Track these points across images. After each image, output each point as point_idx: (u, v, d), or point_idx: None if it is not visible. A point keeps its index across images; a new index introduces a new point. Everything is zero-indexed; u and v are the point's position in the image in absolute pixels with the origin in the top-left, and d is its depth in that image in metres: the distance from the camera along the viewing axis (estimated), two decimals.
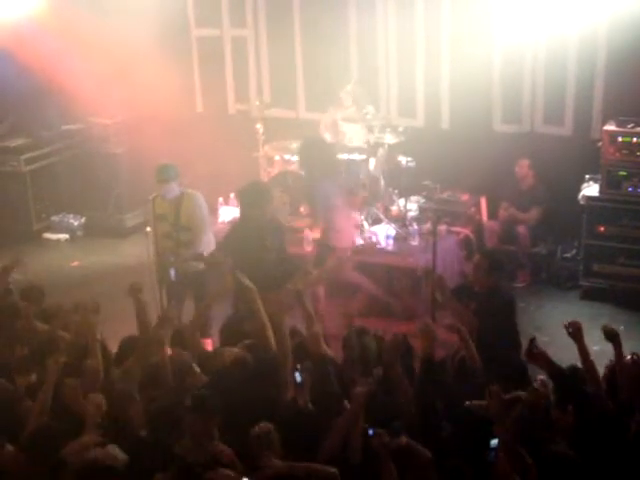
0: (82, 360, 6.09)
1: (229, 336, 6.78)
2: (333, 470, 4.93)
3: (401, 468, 4.90)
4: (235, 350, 6.31)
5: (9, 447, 5.16)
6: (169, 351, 6.29)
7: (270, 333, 6.31)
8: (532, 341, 5.58)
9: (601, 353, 6.11)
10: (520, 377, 5.88)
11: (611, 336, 5.81)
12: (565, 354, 6.06)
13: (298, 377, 5.63)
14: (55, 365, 5.72)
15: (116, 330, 7.05)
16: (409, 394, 5.65)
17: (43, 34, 11.00)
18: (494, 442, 4.85)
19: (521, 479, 4.75)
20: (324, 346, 6.06)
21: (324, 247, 8.76)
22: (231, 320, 7.07)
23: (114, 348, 6.75)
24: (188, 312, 8.06)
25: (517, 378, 5.81)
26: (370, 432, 4.96)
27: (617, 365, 5.75)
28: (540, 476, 4.84)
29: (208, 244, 8.14)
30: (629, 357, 5.84)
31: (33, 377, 6.21)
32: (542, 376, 5.62)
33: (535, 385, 5.43)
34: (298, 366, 5.69)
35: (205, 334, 7.48)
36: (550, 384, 5.66)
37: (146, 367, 6.16)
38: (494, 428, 4.95)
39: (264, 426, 5.17)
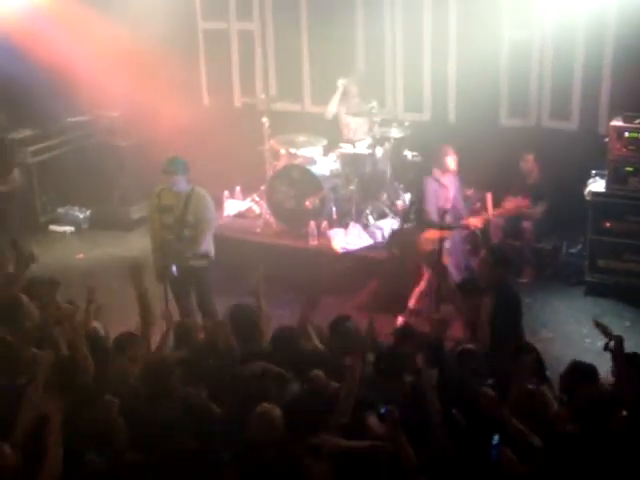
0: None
1: None
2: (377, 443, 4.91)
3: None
4: None
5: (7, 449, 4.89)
6: None
7: None
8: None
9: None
10: (537, 371, 5.87)
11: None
12: (570, 350, 6.07)
13: None
14: (47, 360, 5.45)
15: (120, 323, 7.06)
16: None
17: (50, 26, 10.99)
18: (496, 438, 4.82)
19: (528, 463, 4.73)
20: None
21: None
22: None
23: None
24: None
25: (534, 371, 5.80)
26: (382, 410, 4.99)
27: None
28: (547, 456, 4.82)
29: (209, 244, 8.03)
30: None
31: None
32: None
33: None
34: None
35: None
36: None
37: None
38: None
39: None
